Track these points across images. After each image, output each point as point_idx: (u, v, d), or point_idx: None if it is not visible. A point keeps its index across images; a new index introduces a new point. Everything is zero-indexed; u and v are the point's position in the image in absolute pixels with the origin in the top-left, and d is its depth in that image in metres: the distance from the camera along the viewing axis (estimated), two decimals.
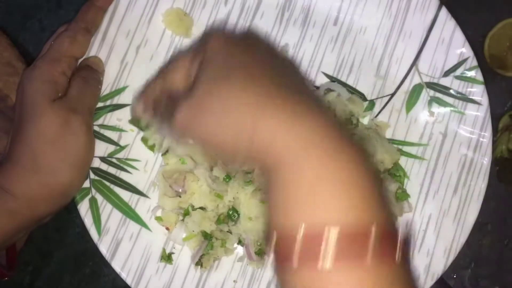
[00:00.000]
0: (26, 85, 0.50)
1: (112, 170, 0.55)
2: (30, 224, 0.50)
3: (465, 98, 0.56)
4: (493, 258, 0.60)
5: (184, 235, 0.54)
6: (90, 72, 0.54)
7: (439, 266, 0.54)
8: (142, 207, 0.55)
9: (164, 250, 0.54)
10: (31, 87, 0.50)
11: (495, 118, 0.60)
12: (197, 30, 0.57)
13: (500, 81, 0.62)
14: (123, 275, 0.53)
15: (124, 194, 0.55)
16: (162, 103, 0.45)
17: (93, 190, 0.54)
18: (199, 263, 0.53)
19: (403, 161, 0.57)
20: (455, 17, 0.57)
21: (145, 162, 0.56)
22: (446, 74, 0.57)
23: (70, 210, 0.53)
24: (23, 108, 0.50)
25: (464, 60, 0.56)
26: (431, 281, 0.54)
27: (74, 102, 0.50)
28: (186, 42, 0.57)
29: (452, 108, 0.57)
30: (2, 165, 0.49)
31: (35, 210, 0.49)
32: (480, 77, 0.56)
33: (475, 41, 0.60)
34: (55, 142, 0.49)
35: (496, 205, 0.60)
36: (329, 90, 0.56)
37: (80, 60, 0.54)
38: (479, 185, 0.55)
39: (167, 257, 0.53)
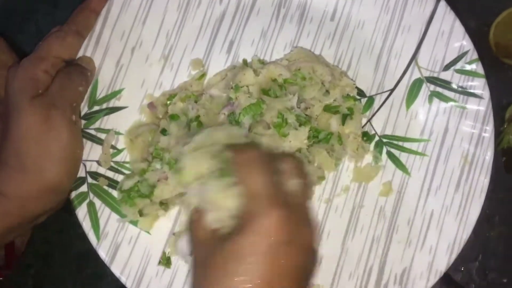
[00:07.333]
0: (9, 83, 0.50)
1: (109, 173, 0.54)
2: (23, 223, 0.50)
3: (466, 92, 0.55)
4: (501, 250, 0.60)
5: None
6: (76, 67, 0.53)
7: (442, 263, 0.53)
8: None
9: (164, 253, 0.54)
10: (13, 85, 0.50)
11: (502, 108, 0.59)
12: None
13: (507, 70, 0.61)
14: (123, 279, 0.53)
15: None
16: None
17: (91, 195, 0.53)
18: None
19: (404, 157, 0.56)
20: (459, 6, 0.55)
21: None
22: (446, 68, 0.56)
23: (70, 212, 0.53)
24: (7, 106, 0.50)
25: (465, 53, 0.55)
26: (434, 279, 0.53)
27: (54, 98, 0.50)
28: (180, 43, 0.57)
29: (453, 103, 0.56)
30: None
31: (27, 209, 0.49)
32: (480, 70, 0.55)
33: (480, 30, 0.59)
34: (37, 140, 0.48)
35: (504, 196, 0.60)
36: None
37: None
38: (482, 181, 0.54)
39: (165, 261, 0.53)
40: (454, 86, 0.56)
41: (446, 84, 0.56)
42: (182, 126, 0.53)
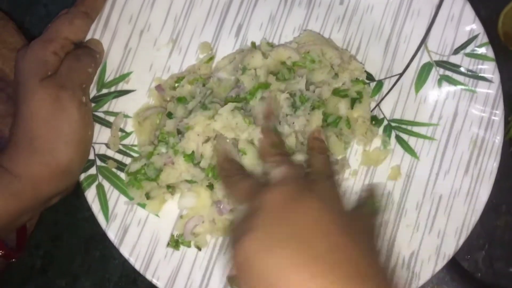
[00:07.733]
0: (18, 65, 0.50)
1: (118, 156, 0.55)
2: (35, 205, 0.50)
3: (475, 76, 0.55)
4: (507, 239, 0.59)
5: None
6: (84, 49, 0.53)
7: (451, 246, 0.53)
8: None
9: (172, 236, 0.54)
10: (23, 67, 0.50)
11: (510, 97, 0.58)
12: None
13: None
14: (132, 261, 0.53)
15: None
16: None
17: (100, 177, 0.54)
18: None
19: (412, 141, 0.56)
20: None
21: None
22: (456, 51, 0.55)
23: (79, 195, 0.54)
24: (17, 88, 0.50)
25: (475, 37, 0.55)
26: (442, 262, 0.53)
27: (63, 79, 0.50)
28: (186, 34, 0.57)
29: (462, 86, 0.55)
30: (6, 147, 0.50)
31: (39, 190, 0.49)
32: (491, 53, 0.55)
33: (489, 18, 0.58)
34: (47, 121, 0.49)
35: (511, 186, 0.59)
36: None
37: None
38: (491, 164, 0.54)
39: (174, 243, 0.53)
40: (463, 70, 0.55)
41: (455, 68, 0.55)
42: (188, 109, 0.53)
